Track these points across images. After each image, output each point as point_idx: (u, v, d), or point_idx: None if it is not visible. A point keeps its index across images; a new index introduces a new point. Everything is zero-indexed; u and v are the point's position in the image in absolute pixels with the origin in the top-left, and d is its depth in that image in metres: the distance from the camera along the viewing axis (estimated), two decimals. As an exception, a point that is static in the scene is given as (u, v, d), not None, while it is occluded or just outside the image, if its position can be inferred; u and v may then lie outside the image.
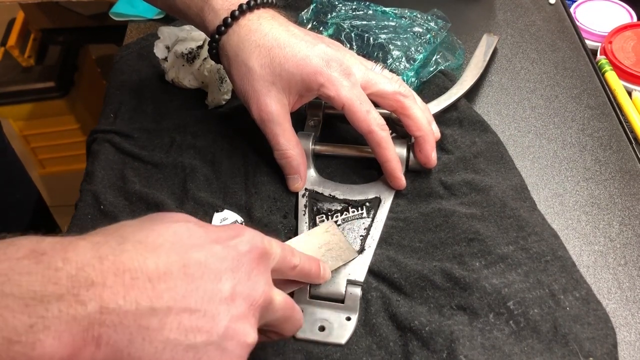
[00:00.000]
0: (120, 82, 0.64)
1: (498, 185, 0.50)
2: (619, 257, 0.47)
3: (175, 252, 0.31)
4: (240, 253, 0.33)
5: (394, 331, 0.42)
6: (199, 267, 0.31)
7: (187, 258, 0.31)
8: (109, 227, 0.32)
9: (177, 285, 0.30)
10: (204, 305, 0.30)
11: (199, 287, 0.30)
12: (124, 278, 0.28)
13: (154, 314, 0.28)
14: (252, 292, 0.33)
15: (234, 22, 0.49)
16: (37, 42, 1.45)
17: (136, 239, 0.30)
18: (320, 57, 0.48)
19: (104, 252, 0.29)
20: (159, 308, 0.29)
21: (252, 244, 0.34)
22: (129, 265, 0.29)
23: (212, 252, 0.32)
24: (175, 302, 0.29)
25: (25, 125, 1.45)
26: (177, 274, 0.30)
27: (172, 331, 0.29)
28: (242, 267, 0.33)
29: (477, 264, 0.45)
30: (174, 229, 0.32)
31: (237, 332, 0.31)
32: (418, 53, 0.59)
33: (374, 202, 0.50)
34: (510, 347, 0.40)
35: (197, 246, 0.32)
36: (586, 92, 0.61)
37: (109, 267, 0.28)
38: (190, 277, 0.30)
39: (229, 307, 0.31)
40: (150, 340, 0.28)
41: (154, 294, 0.29)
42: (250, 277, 0.33)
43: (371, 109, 0.48)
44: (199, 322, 0.30)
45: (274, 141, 0.50)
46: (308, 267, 0.40)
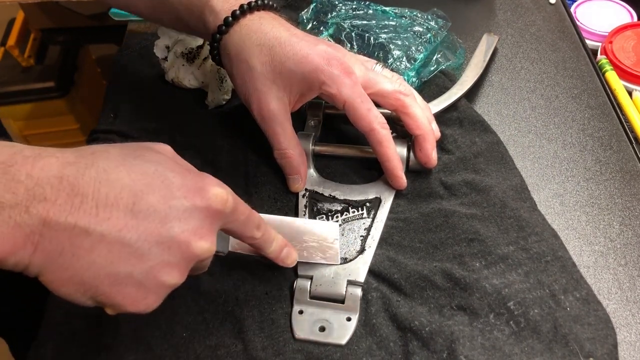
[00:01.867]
0: (120, 82, 0.64)
1: (498, 186, 0.50)
2: (619, 257, 0.47)
3: (130, 189, 0.33)
4: (195, 206, 0.35)
5: (394, 331, 0.42)
6: (147, 208, 0.33)
7: (139, 197, 0.33)
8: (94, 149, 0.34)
9: (118, 217, 0.32)
10: (138, 242, 0.33)
11: (140, 225, 0.33)
12: (74, 200, 0.31)
13: (88, 236, 0.32)
14: (192, 245, 0.35)
15: (235, 21, 0.49)
16: (37, 42, 1.45)
17: (103, 167, 0.33)
18: (321, 56, 0.48)
19: (67, 172, 0.32)
20: (93, 232, 0.32)
21: (212, 202, 0.36)
22: (83, 190, 0.32)
23: (167, 197, 0.34)
24: (111, 231, 0.32)
25: (25, 125, 1.44)
26: (124, 208, 0.32)
27: (100, 256, 0.32)
28: (191, 219, 0.35)
29: (478, 264, 0.45)
30: (144, 168, 0.34)
31: (161, 274, 0.34)
32: (418, 52, 0.59)
33: (374, 203, 0.50)
34: (510, 347, 0.40)
35: (155, 190, 0.34)
36: (586, 92, 0.61)
37: (65, 187, 0.31)
38: (135, 214, 0.33)
39: (162, 252, 0.34)
40: (77, 256, 0.32)
41: (95, 219, 0.32)
42: (197, 231, 0.35)
43: (372, 107, 0.48)
44: (127, 256, 0.33)
45: (274, 140, 0.50)
46: (269, 245, 0.42)
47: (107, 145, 0.35)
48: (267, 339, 0.42)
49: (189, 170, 0.37)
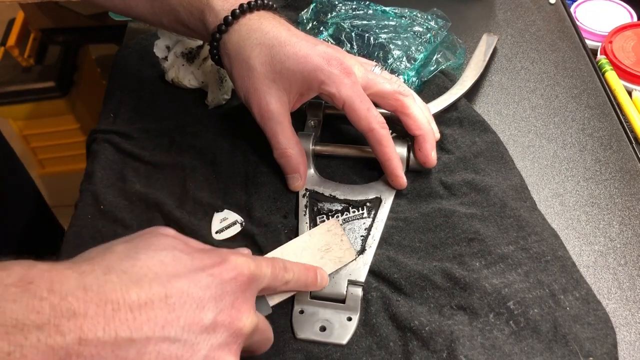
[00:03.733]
0: (120, 82, 0.64)
1: (498, 185, 0.50)
2: (619, 257, 0.47)
3: (158, 282, 0.31)
4: (224, 281, 0.33)
5: (394, 331, 0.42)
6: (180, 296, 0.31)
7: (169, 287, 0.31)
8: (97, 253, 0.32)
9: (157, 316, 0.30)
10: (184, 334, 0.31)
11: (180, 316, 0.31)
12: (105, 309, 0.29)
13: (132, 345, 0.29)
14: (236, 320, 0.33)
15: (234, 21, 0.49)
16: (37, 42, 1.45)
17: (121, 269, 0.31)
18: (321, 56, 0.48)
19: (88, 282, 0.29)
20: (138, 338, 0.29)
21: (238, 271, 0.34)
22: (112, 297, 0.29)
23: (196, 280, 0.32)
24: (154, 332, 0.30)
25: (25, 125, 1.44)
26: (159, 304, 0.30)
27: None
28: (225, 295, 0.33)
29: (477, 264, 0.45)
30: (160, 257, 0.33)
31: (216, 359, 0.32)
32: (418, 52, 0.59)
33: (375, 202, 0.50)
34: (510, 347, 0.40)
35: (181, 275, 0.32)
36: (586, 92, 0.61)
37: (92, 297, 0.29)
38: (171, 306, 0.31)
39: (209, 337, 0.32)
40: None
41: (134, 325, 0.29)
42: (234, 305, 0.33)
43: (371, 107, 0.49)
44: (177, 352, 0.30)
45: (274, 140, 0.50)
46: (304, 279, 0.41)
47: (108, 246, 0.33)
48: (267, 339, 0.42)
49: (202, 249, 0.36)
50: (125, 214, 0.50)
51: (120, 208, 0.51)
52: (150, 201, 0.51)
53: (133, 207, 0.51)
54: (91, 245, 0.48)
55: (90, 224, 0.50)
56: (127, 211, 0.50)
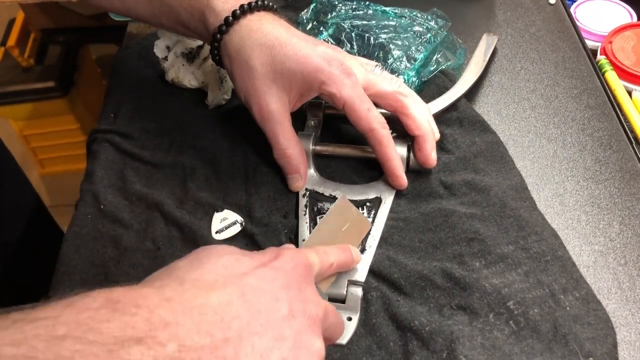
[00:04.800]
0: (120, 82, 0.64)
1: (498, 185, 0.50)
2: (619, 257, 0.47)
3: (231, 283, 0.32)
4: (287, 271, 0.35)
5: (394, 331, 0.42)
6: (254, 292, 0.32)
7: (242, 286, 0.32)
8: (163, 272, 0.33)
9: (241, 313, 0.31)
10: (269, 326, 0.32)
11: (260, 310, 0.32)
12: (192, 315, 0.29)
13: (228, 344, 0.30)
14: (308, 305, 0.34)
15: (235, 21, 0.49)
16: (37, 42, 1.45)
17: (193, 278, 0.32)
18: (321, 57, 0.48)
19: (168, 294, 0.30)
20: (231, 337, 0.30)
21: (295, 261, 0.36)
22: (195, 303, 0.30)
23: (262, 275, 0.34)
24: (243, 329, 0.30)
25: (25, 125, 1.45)
26: (238, 302, 0.31)
27: (248, 355, 0.30)
28: (292, 284, 0.34)
29: (477, 263, 0.45)
30: (223, 262, 0.34)
31: (304, 344, 0.33)
32: (419, 52, 0.59)
33: (375, 202, 0.50)
34: (510, 347, 0.40)
35: (248, 274, 0.33)
36: (586, 92, 0.61)
37: (176, 307, 0.29)
38: (249, 303, 0.32)
39: (291, 324, 0.33)
40: None
41: (223, 325, 0.30)
42: (302, 291, 0.35)
43: (372, 107, 0.49)
44: (269, 343, 0.31)
45: (274, 140, 0.50)
46: (344, 259, 0.43)
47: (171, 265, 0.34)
48: (267, 339, 0.42)
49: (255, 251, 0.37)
50: (125, 214, 0.50)
51: (120, 208, 0.51)
52: (150, 201, 0.51)
53: (133, 207, 0.51)
54: (91, 245, 0.48)
55: (90, 224, 0.50)
56: (127, 211, 0.50)
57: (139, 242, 0.48)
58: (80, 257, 0.48)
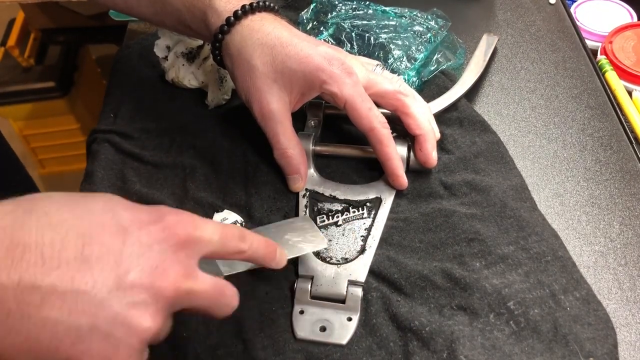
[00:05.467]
0: (120, 82, 0.64)
1: (498, 185, 0.50)
2: (619, 257, 0.47)
3: (76, 230, 0.30)
4: (154, 239, 0.32)
5: (394, 331, 0.42)
6: (98, 248, 0.30)
7: (87, 238, 0.30)
8: (37, 195, 0.31)
9: (69, 265, 0.29)
10: (95, 289, 0.29)
11: (93, 269, 0.29)
12: (15, 252, 0.28)
13: (36, 291, 0.28)
14: (158, 281, 0.31)
15: (236, 22, 0.50)
16: (37, 42, 1.45)
17: (44, 210, 0.30)
18: (322, 56, 0.48)
19: (4, 222, 0.29)
20: (43, 286, 0.28)
21: (170, 231, 0.32)
22: (25, 239, 0.28)
23: (119, 234, 0.31)
24: (62, 281, 0.28)
25: (25, 125, 1.45)
26: (72, 252, 0.29)
27: (54, 310, 0.28)
28: (150, 255, 0.31)
29: (478, 264, 0.45)
30: (90, 205, 0.31)
31: (129, 319, 0.30)
32: (419, 52, 0.59)
33: (375, 202, 0.50)
34: (510, 347, 0.40)
35: (105, 226, 0.30)
36: (586, 92, 0.61)
37: (2, 239, 0.28)
38: (85, 257, 0.29)
39: (124, 295, 0.30)
40: (29, 315, 0.28)
41: (42, 270, 0.28)
42: (160, 266, 0.31)
43: (373, 107, 0.49)
44: (84, 305, 0.29)
45: (274, 140, 0.50)
46: (262, 252, 0.39)
47: (50, 193, 0.32)
48: (267, 339, 0.42)
49: (140, 206, 0.34)
50: (125, 214, 0.50)
51: (120, 208, 0.51)
52: (150, 201, 0.51)
53: (133, 207, 0.51)
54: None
55: (90, 224, 0.50)
56: (127, 211, 0.50)
57: (139, 242, 0.48)
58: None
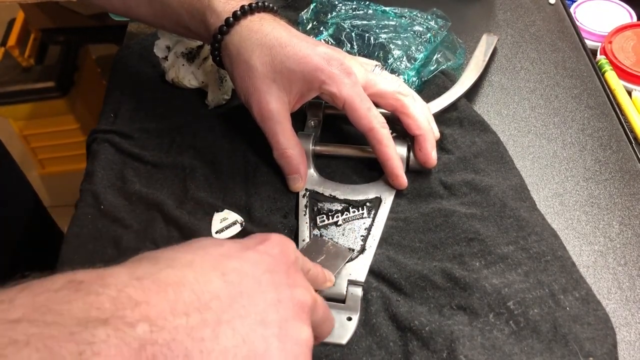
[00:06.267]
0: (120, 82, 0.64)
1: (498, 185, 0.50)
2: (619, 257, 0.47)
3: (210, 264, 0.30)
4: (273, 255, 0.33)
5: (394, 331, 0.42)
6: (236, 273, 0.30)
7: (223, 267, 0.30)
8: (137, 255, 0.31)
9: (221, 294, 0.29)
10: (252, 309, 0.29)
11: (242, 292, 0.30)
12: (167, 293, 0.27)
13: (206, 325, 0.27)
14: (295, 292, 0.32)
15: (235, 22, 0.50)
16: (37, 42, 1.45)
17: (168, 258, 0.30)
18: (321, 57, 0.48)
19: (140, 273, 0.28)
20: (210, 318, 0.28)
21: (282, 246, 0.34)
22: (169, 281, 0.28)
23: (246, 258, 0.32)
24: (224, 310, 0.28)
25: (25, 125, 1.45)
26: (218, 282, 0.29)
27: (229, 339, 0.28)
28: (278, 269, 0.32)
29: (477, 264, 0.45)
30: (202, 244, 0.32)
31: (291, 331, 0.30)
32: (419, 52, 0.59)
33: (375, 202, 0.50)
34: (510, 347, 0.40)
35: (230, 255, 0.31)
36: (586, 92, 0.61)
37: (149, 285, 0.27)
38: (230, 284, 0.29)
39: (277, 309, 0.30)
40: (207, 351, 0.27)
41: (201, 305, 0.28)
42: (290, 277, 0.33)
43: (371, 107, 0.49)
44: (252, 327, 0.29)
45: (274, 140, 0.50)
46: (317, 273, 0.40)
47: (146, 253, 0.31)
48: (267, 339, 0.42)
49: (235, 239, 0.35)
50: (125, 214, 0.50)
51: (120, 208, 0.51)
52: (150, 201, 0.51)
53: (133, 207, 0.51)
54: (91, 246, 0.48)
55: (90, 224, 0.50)
56: (127, 211, 0.50)
57: (139, 242, 0.48)
58: (80, 257, 0.48)
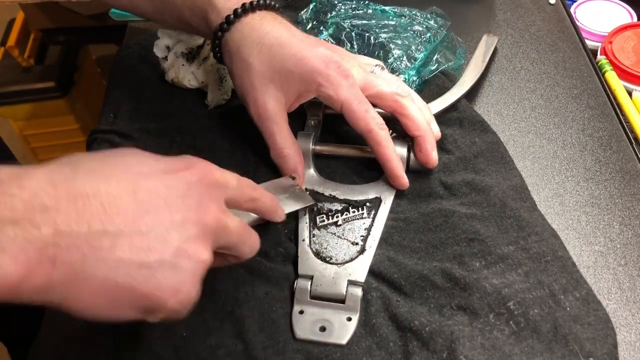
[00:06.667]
0: (120, 82, 0.64)
1: (498, 186, 0.50)
2: (619, 257, 0.47)
3: (125, 179, 0.32)
4: (189, 182, 0.35)
5: (394, 331, 0.42)
6: (148, 193, 0.33)
7: (137, 185, 0.33)
8: (64, 157, 0.33)
9: (127, 210, 0.31)
10: (155, 228, 0.32)
11: (149, 211, 0.32)
12: (76, 203, 0.30)
13: (106, 236, 0.30)
14: (203, 216, 0.34)
15: (236, 20, 0.50)
16: (37, 42, 1.45)
17: (88, 167, 0.32)
18: (319, 58, 0.48)
19: (57, 178, 0.30)
20: (111, 231, 0.30)
21: (203, 174, 0.36)
22: (82, 191, 0.30)
23: (162, 180, 0.34)
24: (126, 225, 0.31)
25: (25, 125, 1.44)
26: (127, 200, 0.32)
27: (125, 251, 0.31)
28: (192, 195, 0.34)
29: (477, 264, 0.45)
30: (126, 159, 0.34)
31: (189, 251, 0.33)
32: (419, 52, 0.59)
33: (375, 202, 0.50)
34: (510, 347, 0.40)
35: (147, 175, 0.34)
36: (586, 92, 0.61)
37: (62, 192, 0.30)
38: (139, 202, 0.32)
39: (179, 230, 0.33)
40: (103, 259, 0.30)
41: (106, 217, 0.31)
42: (201, 203, 0.35)
43: (370, 109, 0.49)
44: (150, 243, 0.32)
45: (270, 140, 0.50)
46: (269, 204, 0.43)
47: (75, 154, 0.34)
48: (267, 339, 0.42)
49: (166, 157, 0.37)
50: (125, 214, 0.50)
51: (120, 208, 0.50)
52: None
53: (133, 207, 0.51)
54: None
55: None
56: (127, 211, 0.50)
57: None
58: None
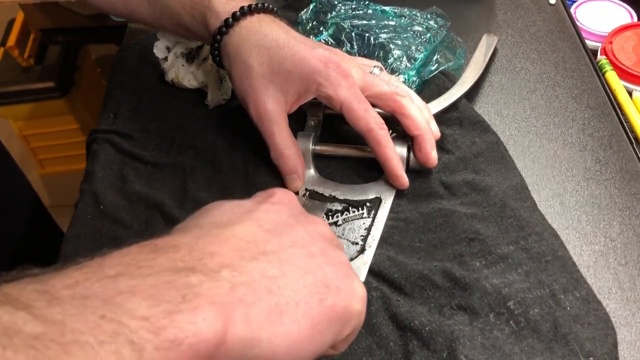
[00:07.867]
0: (120, 82, 0.64)
1: (498, 185, 0.50)
2: (620, 257, 0.47)
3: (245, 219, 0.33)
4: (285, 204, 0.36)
5: (394, 331, 0.42)
6: (268, 222, 0.33)
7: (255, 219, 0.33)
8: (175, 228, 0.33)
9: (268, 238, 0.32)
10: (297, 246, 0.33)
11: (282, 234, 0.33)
12: (229, 244, 0.30)
13: (272, 265, 0.30)
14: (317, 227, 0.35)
15: (235, 23, 0.50)
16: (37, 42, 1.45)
17: (209, 222, 0.32)
18: (318, 59, 0.48)
19: (197, 234, 0.30)
20: (272, 259, 0.31)
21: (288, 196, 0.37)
22: (226, 235, 0.31)
23: (266, 209, 0.34)
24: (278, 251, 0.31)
25: (25, 125, 1.45)
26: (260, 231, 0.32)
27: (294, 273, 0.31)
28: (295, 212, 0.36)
29: (478, 263, 0.45)
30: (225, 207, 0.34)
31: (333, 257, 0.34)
32: (419, 52, 0.59)
33: (375, 202, 0.50)
34: (510, 346, 0.40)
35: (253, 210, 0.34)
36: (586, 92, 0.61)
37: (212, 240, 0.30)
38: (269, 230, 0.33)
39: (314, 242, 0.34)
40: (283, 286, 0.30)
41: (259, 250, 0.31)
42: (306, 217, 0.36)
43: (369, 108, 0.49)
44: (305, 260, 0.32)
45: (270, 140, 0.51)
46: None
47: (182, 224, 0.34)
48: (267, 339, 0.42)
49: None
50: (125, 214, 0.50)
51: (120, 208, 0.51)
52: (150, 201, 0.51)
53: (133, 207, 0.51)
54: (91, 246, 0.48)
55: (90, 224, 0.50)
56: (127, 211, 0.50)
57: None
58: (80, 257, 0.48)
